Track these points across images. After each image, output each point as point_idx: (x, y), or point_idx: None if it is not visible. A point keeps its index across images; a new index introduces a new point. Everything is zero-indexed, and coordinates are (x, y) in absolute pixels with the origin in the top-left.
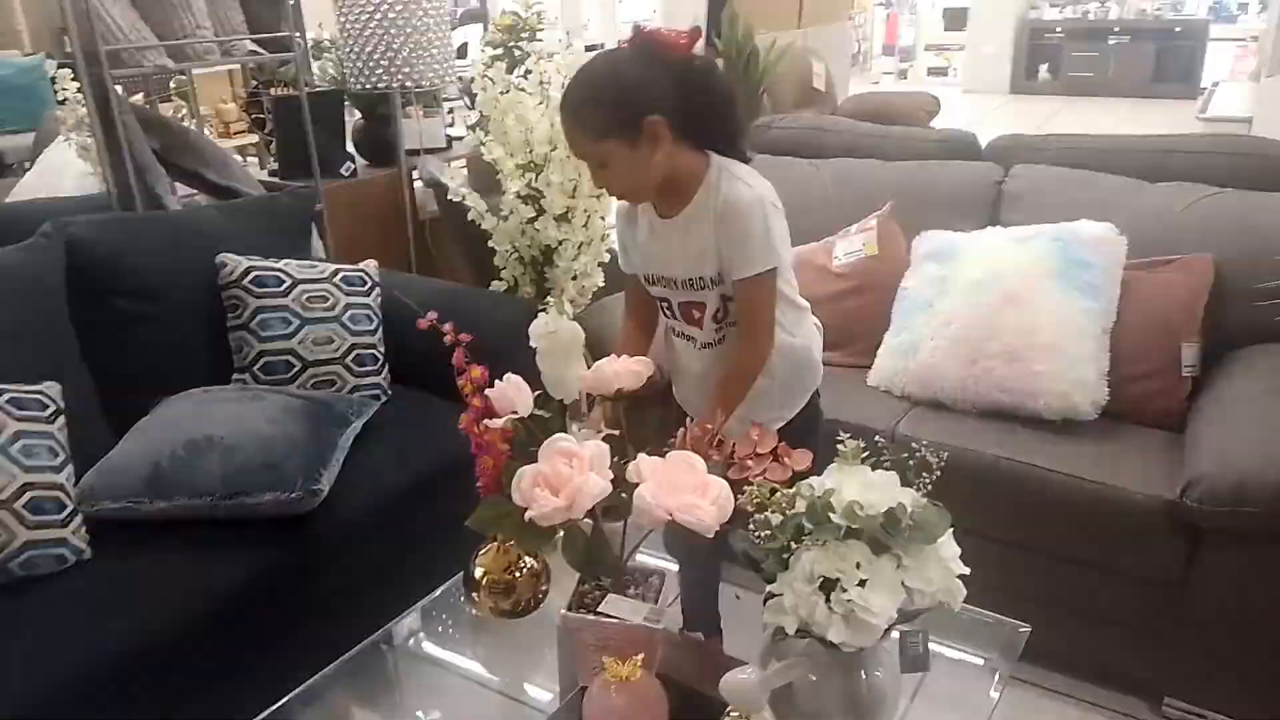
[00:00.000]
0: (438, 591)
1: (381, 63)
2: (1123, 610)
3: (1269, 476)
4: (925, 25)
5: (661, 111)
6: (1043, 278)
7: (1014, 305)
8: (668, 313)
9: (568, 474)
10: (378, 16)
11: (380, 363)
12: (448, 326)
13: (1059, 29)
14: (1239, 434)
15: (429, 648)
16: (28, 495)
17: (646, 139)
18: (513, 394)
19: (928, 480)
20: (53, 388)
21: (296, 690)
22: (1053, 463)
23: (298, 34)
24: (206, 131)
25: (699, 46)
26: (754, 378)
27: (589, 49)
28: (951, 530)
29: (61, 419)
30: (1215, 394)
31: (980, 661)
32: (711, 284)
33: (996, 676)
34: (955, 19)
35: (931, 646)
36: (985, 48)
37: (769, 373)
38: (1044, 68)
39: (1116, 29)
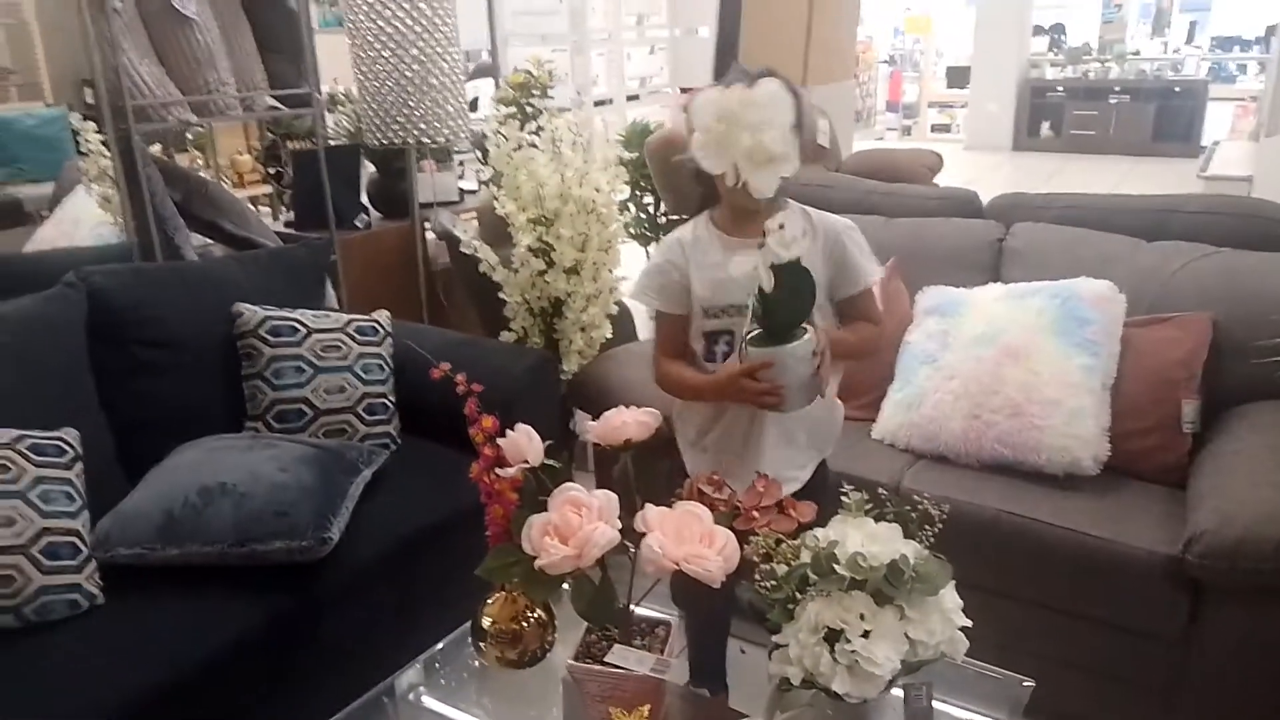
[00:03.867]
0: (444, 643)
1: (398, 119)
2: (1123, 666)
3: (1270, 533)
4: (929, 83)
5: None
6: (1043, 333)
7: (1015, 360)
8: (724, 351)
9: (577, 523)
10: (395, 74)
11: (391, 412)
12: (460, 376)
13: (1060, 88)
14: (1240, 490)
15: (434, 699)
16: (45, 540)
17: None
18: (524, 444)
19: (930, 533)
20: (71, 434)
21: None
22: (1054, 517)
23: (316, 91)
24: (222, 182)
25: None
26: (874, 350)
27: (598, 104)
28: (954, 583)
29: (79, 465)
30: (1216, 450)
31: (984, 718)
32: None
33: None
34: (958, 77)
35: (935, 703)
36: (988, 105)
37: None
38: (1046, 125)
39: (1117, 88)
